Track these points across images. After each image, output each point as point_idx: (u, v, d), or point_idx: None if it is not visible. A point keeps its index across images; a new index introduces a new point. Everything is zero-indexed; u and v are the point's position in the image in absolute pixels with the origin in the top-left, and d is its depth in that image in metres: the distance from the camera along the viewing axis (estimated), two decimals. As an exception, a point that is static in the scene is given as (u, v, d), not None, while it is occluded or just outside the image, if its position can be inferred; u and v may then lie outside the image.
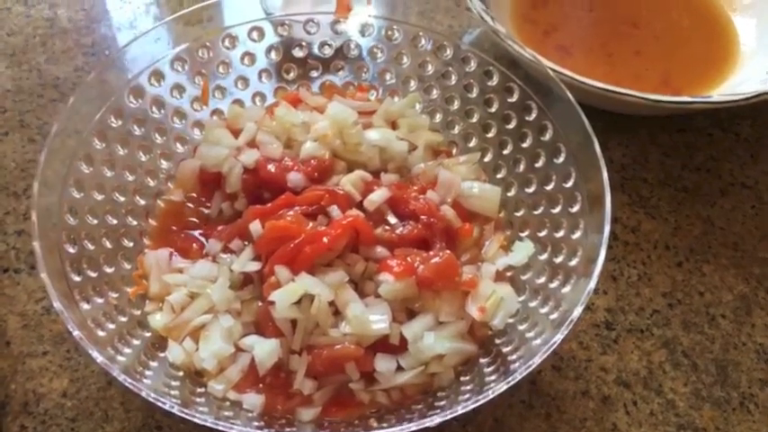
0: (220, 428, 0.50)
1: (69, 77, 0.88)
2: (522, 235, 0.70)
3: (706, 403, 0.69)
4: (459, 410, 0.52)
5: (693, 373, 0.70)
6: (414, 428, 0.51)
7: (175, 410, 0.50)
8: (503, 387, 0.53)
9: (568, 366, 0.70)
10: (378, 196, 0.68)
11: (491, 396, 0.53)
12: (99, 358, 0.52)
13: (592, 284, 0.58)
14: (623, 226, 0.80)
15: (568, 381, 0.69)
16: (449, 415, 0.51)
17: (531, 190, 0.72)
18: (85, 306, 0.59)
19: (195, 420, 0.51)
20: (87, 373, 0.67)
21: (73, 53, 0.90)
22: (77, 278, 0.61)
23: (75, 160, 0.65)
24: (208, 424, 0.51)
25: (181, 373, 0.62)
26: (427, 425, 0.52)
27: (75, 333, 0.53)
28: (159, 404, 0.50)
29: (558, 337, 0.55)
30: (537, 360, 0.54)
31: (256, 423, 0.57)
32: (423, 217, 0.67)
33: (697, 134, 0.88)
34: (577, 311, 0.57)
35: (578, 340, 0.72)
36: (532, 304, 0.65)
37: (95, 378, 0.67)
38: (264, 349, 0.60)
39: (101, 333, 0.58)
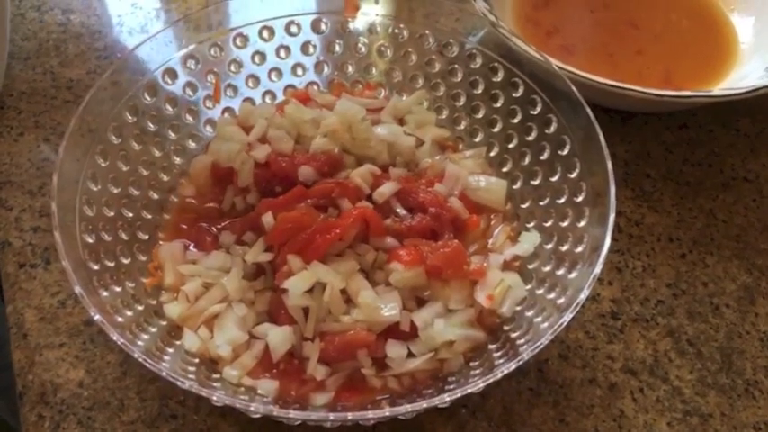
0: (237, 406, 0.51)
1: (83, 80, 0.90)
2: (529, 226, 0.72)
3: (711, 390, 0.70)
4: (469, 389, 0.53)
5: (698, 361, 0.71)
6: (425, 406, 0.52)
7: (194, 389, 0.51)
8: (512, 366, 0.54)
9: (575, 355, 0.71)
10: (387, 189, 0.69)
11: (500, 376, 0.54)
12: (120, 340, 0.53)
13: (597, 269, 0.59)
14: (627, 219, 0.81)
15: (575, 369, 0.70)
16: (458, 393, 0.52)
17: (536, 182, 0.73)
18: (104, 293, 0.61)
19: (213, 399, 0.52)
20: (103, 364, 0.68)
21: (86, 57, 0.92)
22: (95, 266, 0.62)
23: (91, 154, 0.67)
24: (226, 402, 0.52)
25: (196, 360, 0.63)
26: (437, 404, 0.53)
27: (96, 317, 0.55)
28: (178, 383, 0.52)
29: (566, 319, 0.56)
30: (544, 341, 0.55)
31: (271, 406, 0.58)
32: (431, 208, 0.69)
33: (698, 130, 0.89)
34: (584, 295, 0.58)
35: (584, 330, 0.73)
36: (539, 291, 0.66)
37: (111, 369, 0.68)
38: (278, 336, 0.62)
39: (119, 319, 0.59)
